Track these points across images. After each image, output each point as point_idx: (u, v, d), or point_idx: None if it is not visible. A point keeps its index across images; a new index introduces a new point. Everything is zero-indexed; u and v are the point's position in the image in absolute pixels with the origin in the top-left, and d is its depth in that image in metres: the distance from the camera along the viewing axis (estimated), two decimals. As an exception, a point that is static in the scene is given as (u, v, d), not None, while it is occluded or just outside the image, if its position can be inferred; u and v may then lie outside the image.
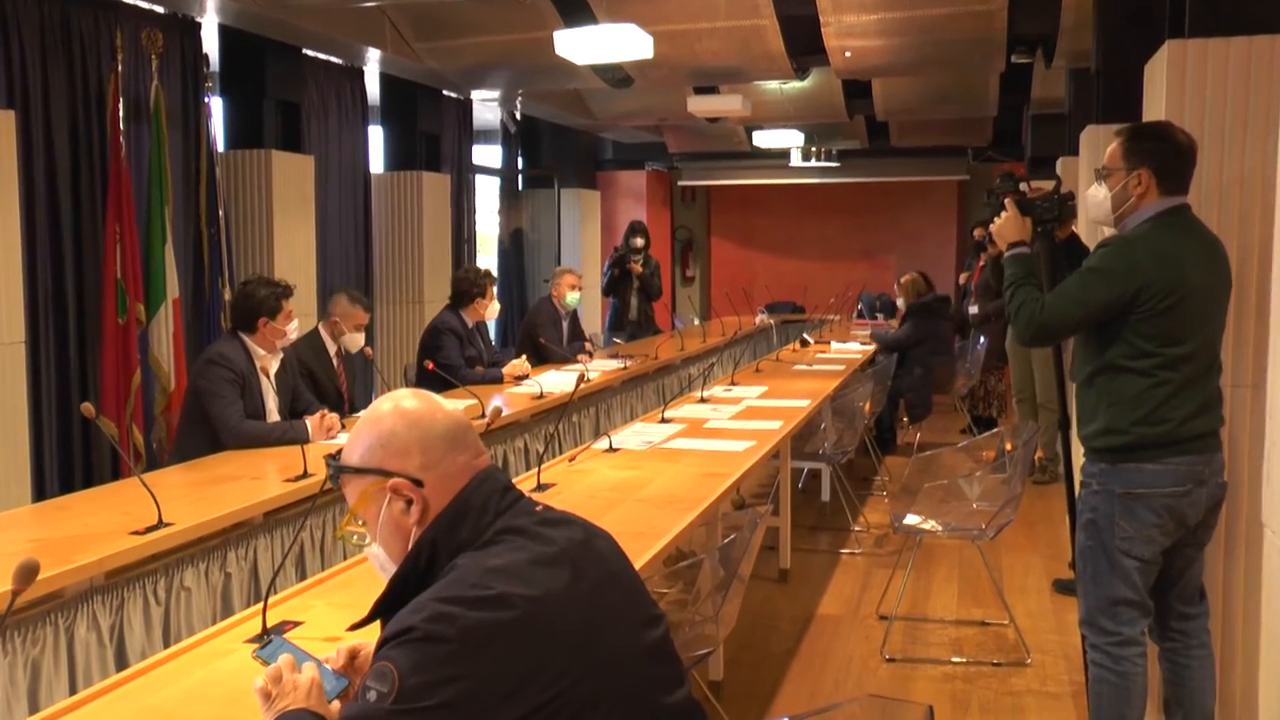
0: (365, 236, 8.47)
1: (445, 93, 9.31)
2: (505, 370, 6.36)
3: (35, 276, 5.47)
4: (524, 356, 6.65)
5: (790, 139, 11.35)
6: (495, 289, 6.66)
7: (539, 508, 1.70)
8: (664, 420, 5.04)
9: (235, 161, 6.75)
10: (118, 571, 2.98)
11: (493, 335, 11.32)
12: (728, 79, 8.73)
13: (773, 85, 9.51)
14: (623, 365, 7.05)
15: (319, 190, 7.48)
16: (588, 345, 7.73)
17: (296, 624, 2.44)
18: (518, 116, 11.40)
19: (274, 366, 4.67)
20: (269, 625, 2.37)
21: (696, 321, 10.06)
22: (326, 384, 5.31)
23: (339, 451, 1.73)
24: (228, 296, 6.08)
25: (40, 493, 5.36)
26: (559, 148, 12.14)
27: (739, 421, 5.03)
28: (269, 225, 6.75)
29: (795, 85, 9.31)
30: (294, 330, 4.69)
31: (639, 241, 9.33)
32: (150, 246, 5.68)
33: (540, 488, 3.70)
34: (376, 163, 8.82)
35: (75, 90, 5.64)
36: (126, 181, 5.52)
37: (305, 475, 3.79)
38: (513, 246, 11.85)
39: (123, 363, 5.48)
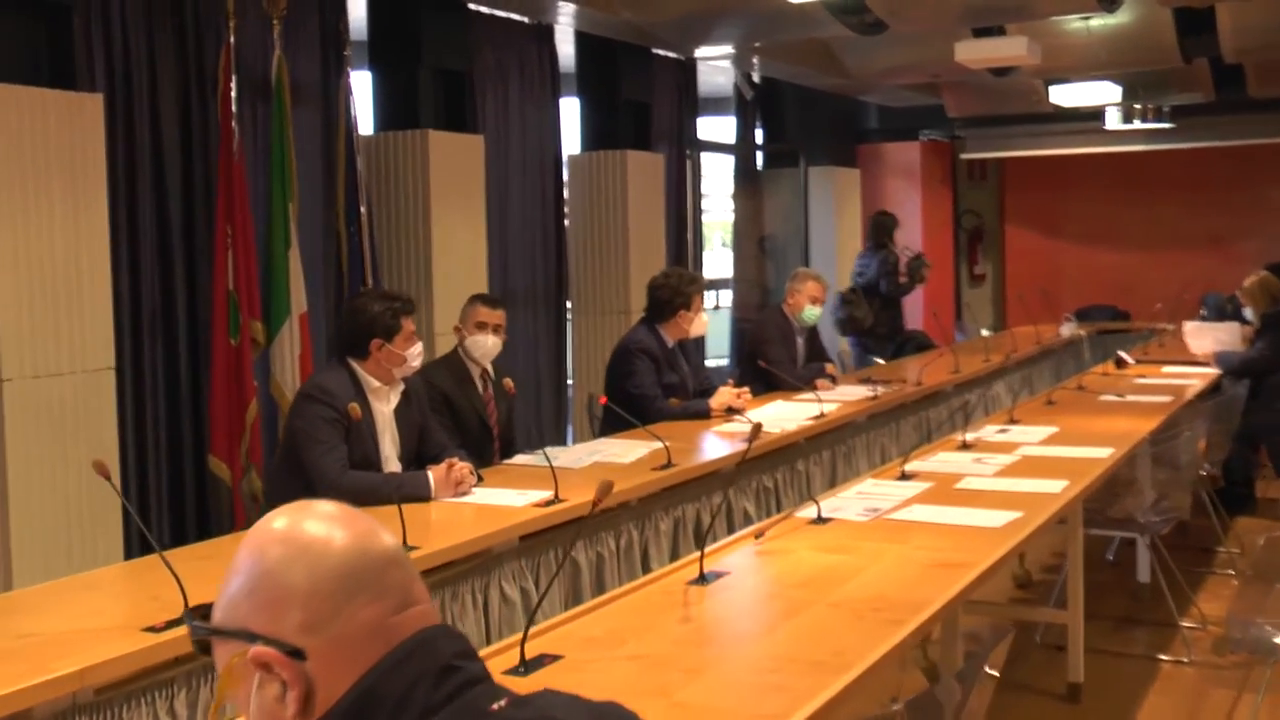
0: (557, 233, 8.31)
1: (657, 52, 9.06)
2: (713, 402, 5.91)
3: (139, 292, 5.45)
4: (744, 388, 6.13)
5: (1103, 94, 10.47)
6: (704, 298, 6.27)
7: (502, 702, 1.21)
8: (903, 476, 4.44)
9: (383, 146, 6.67)
10: (117, 684, 2.70)
11: (725, 353, 11.17)
12: (1012, 15, 8.04)
13: (1075, 23, 8.69)
14: (873, 394, 6.51)
15: (498, 178, 7.35)
16: (830, 368, 7.18)
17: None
18: (755, 79, 10.99)
19: (393, 401, 4.41)
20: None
21: (984, 333, 9.35)
22: (468, 415, 5.08)
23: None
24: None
25: (144, 547, 5.29)
26: (808, 116, 11.69)
27: (1007, 480, 4.39)
28: (425, 222, 6.62)
29: (1105, 21, 8.47)
30: (418, 355, 4.41)
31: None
32: (271, 252, 5.59)
33: (701, 579, 3.18)
34: (572, 142, 8.67)
35: (184, 67, 5.61)
36: (239, 174, 5.42)
37: (406, 549, 3.42)
38: (750, 240, 11.51)
39: (235, 392, 5.37)
